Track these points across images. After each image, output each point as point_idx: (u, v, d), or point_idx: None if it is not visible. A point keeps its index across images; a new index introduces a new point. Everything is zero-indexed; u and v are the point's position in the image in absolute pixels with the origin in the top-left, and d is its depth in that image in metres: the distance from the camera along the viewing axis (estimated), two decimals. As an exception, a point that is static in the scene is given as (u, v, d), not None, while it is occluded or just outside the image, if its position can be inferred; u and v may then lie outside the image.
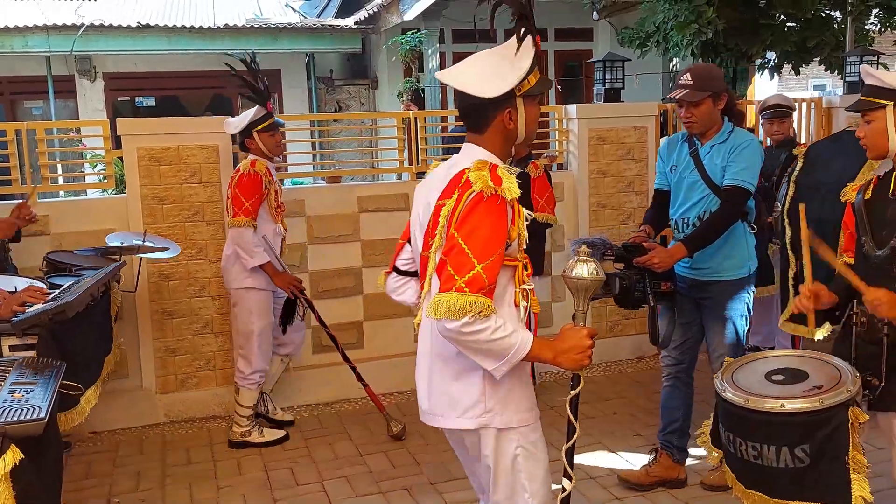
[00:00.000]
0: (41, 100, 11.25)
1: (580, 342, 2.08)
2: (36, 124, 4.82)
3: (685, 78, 3.37)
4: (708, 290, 3.53)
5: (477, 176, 2.00)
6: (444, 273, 1.99)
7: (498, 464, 2.18)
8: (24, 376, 2.26)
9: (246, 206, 4.07)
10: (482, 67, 2.12)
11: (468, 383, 2.13)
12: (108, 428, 4.66)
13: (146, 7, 11.68)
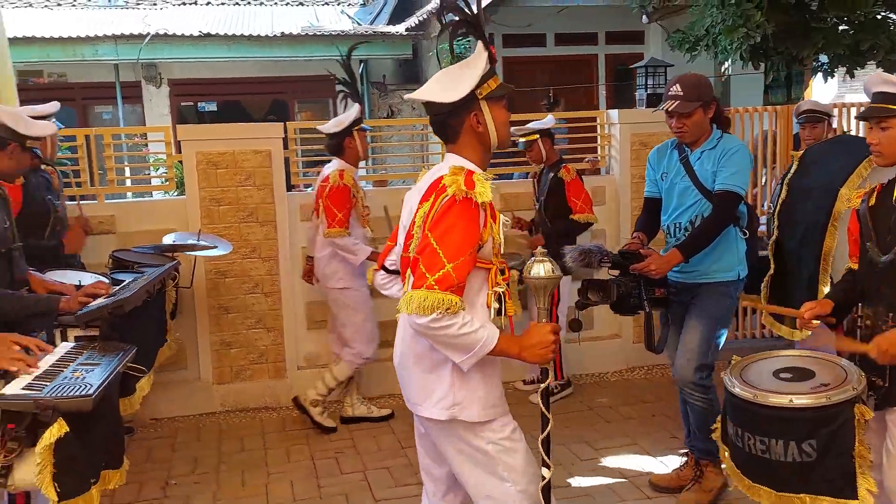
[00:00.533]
0: (110, 105, 11.76)
1: (544, 337, 2.19)
2: (103, 130, 5.15)
3: (675, 89, 3.40)
4: (695, 292, 3.55)
5: (451, 180, 2.13)
6: (417, 271, 2.13)
7: (472, 458, 2.29)
8: (91, 358, 2.46)
9: (339, 217, 4.34)
10: (443, 79, 2.25)
11: (439, 376, 2.26)
12: (168, 415, 4.96)
13: (209, 16, 12.11)
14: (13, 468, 2.14)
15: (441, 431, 2.31)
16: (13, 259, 2.98)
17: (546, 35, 11.31)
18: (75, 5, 12.96)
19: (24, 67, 10.57)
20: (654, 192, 3.72)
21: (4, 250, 2.91)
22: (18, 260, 3.03)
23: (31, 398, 2.10)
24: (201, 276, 4.88)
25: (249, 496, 3.93)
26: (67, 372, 2.31)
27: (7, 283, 2.89)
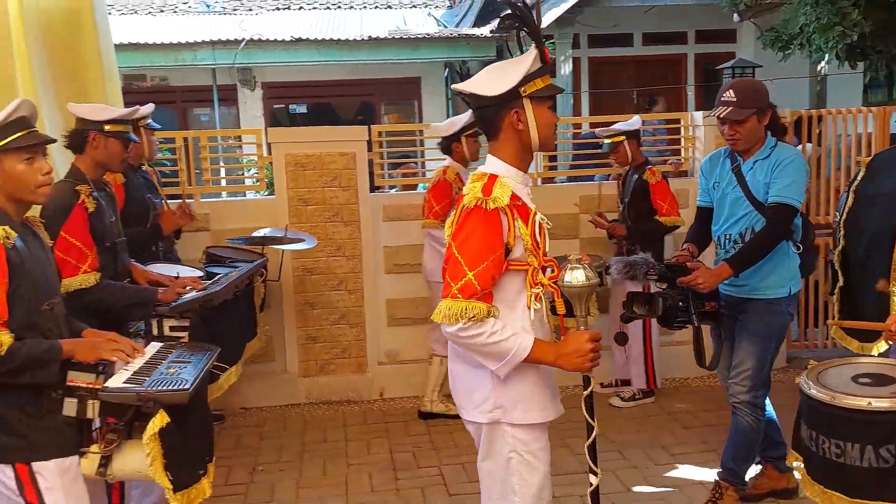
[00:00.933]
0: (208, 107, 12.31)
1: (581, 346, 2.14)
2: (200, 132, 5.43)
3: (728, 95, 3.27)
4: (745, 308, 3.44)
5: (469, 188, 2.15)
6: (444, 280, 2.15)
7: (492, 462, 2.29)
8: (181, 356, 2.61)
9: (436, 209, 4.57)
10: (490, 73, 2.23)
11: (480, 380, 2.25)
12: (256, 405, 5.20)
13: (301, 21, 12.50)
14: (112, 459, 2.31)
15: (478, 433, 2.32)
16: (117, 252, 3.21)
17: (633, 35, 11.18)
18: (177, 12, 13.58)
19: (129, 72, 11.20)
20: (707, 202, 3.61)
21: (109, 244, 3.13)
22: (122, 253, 3.26)
23: (134, 391, 2.26)
24: (289, 272, 5.10)
25: (330, 485, 4.10)
26: (162, 368, 2.45)
27: (111, 275, 3.13)
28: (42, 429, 2.31)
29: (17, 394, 2.28)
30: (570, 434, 4.55)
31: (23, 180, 2.32)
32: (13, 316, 2.25)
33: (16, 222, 2.35)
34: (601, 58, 11.17)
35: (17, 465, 2.31)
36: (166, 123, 11.85)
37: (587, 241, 5.55)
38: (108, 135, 3.16)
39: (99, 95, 4.86)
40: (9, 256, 2.24)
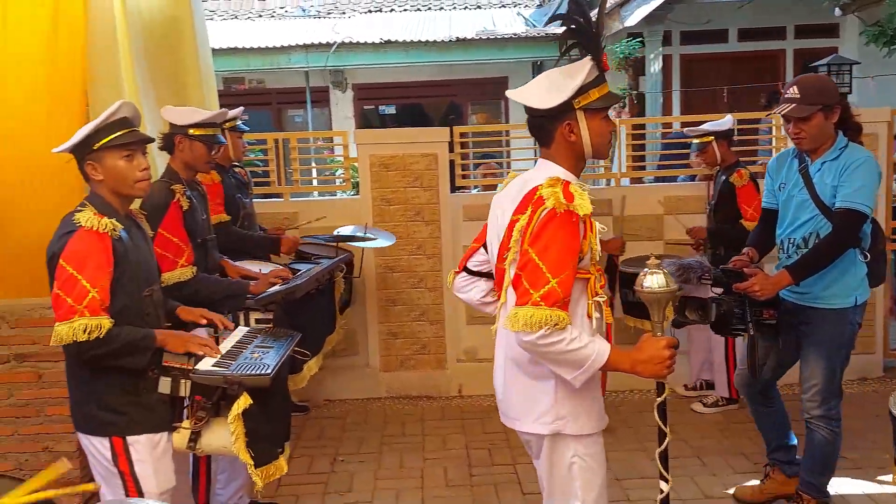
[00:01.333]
0: (301, 109, 12.72)
1: (658, 353, 2.12)
2: (289, 134, 5.64)
3: (792, 91, 3.14)
4: (808, 317, 3.31)
5: (549, 192, 2.09)
6: (520, 287, 2.09)
7: (554, 469, 2.29)
8: (265, 342, 2.77)
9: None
10: (544, 82, 2.22)
11: (542, 390, 2.24)
12: (340, 397, 5.37)
13: (392, 23, 12.73)
14: (201, 434, 2.48)
15: (536, 443, 2.34)
16: (208, 248, 3.41)
17: (728, 31, 10.85)
18: (274, 16, 14.06)
19: (228, 75, 11.70)
20: (772, 203, 3.49)
21: (201, 240, 3.33)
22: (212, 249, 3.46)
23: (221, 374, 2.42)
24: (371, 269, 5.24)
25: (406, 477, 4.20)
26: (247, 353, 2.61)
27: (202, 270, 3.33)
28: (138, 406, 2.51)
29: (117, 375, 2.48)
30: (647, 438, 4.52)
31: (122, 176, 2.50)
32: (116, 302, 2.44)
33: (121, 215, 2.55)
34: (694, 55, 10.89)
35: (113, 439, 2.51)
36: (262, 125, 12.40)
37: (672, 242, 5.47)
38: (192, 138, 3.33)
39: (197, 98, 5.13)
40: (114, 247, 2.44)
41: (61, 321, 2.35)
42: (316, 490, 4.08)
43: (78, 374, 2.54)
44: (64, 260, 2.38)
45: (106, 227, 2.43)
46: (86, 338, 2.32)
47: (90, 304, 2.35)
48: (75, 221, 2.43)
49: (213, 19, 13.29)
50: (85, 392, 2.54)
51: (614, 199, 5.39)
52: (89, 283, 2.36)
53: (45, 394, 3.38)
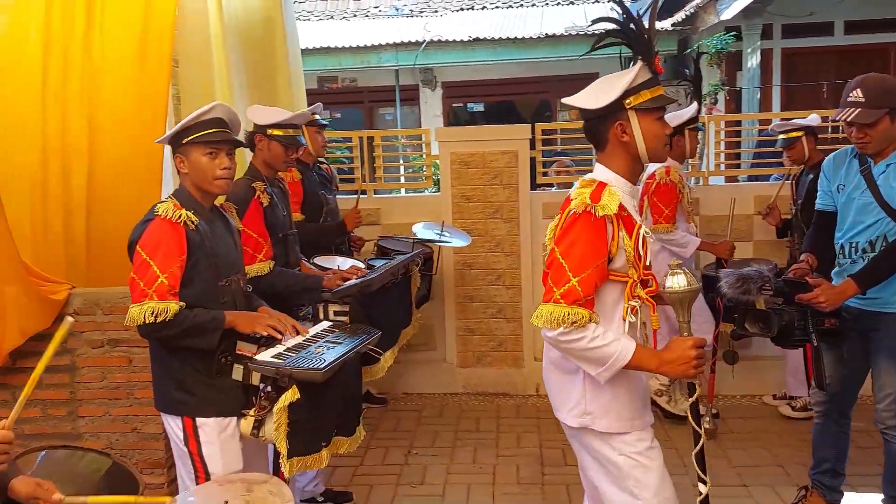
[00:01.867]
0: (392, 107, 12.92)
1: (685, 353, 2.11)
2: (374, 132, 5.77)
3: (855, 94, 2.95)
4: (878, 323, 3.12)
5: (577, 193, 2.15)
6: (546, 284, 2.16)
7: (604, 467, 2.27)
8: (337, 338, 2.78)
9: (665, 212, 4.50)
10: (596, 86, 2.23)
11: (572, 384, 2.29)
12: (417, 391, 5.46)
13: (481, 20, 12.76)
14: (263, 423, 2.55)
15: (576, 438, 2.35)
16: (288, 243, 3.52)
17: (834, 23, 10.36)
18: (368, 16, 14.33)
19: (322, 74, 12.01)
20: (829, 206, 3.30)
21: (282, 235, 3.44)
22: (293, 244, 3.57)
23: (274, 365, 2.48)
24: (450, 266, 5.29)
25: (478, 473, 4.22)
26: (313, 347, 2.66)
27: (283, 264, 3.44)
28: (211, 388, 2.62)
29: (193, 356, 2.61)
30: (730, 445, 4.40)
31: (203, 171, 2.63)
32: (192, 288, 2.57)
33: (203, 207, 2.68)
34: (796, 49, 10.44)
35: (184, 419, 2.64)
36: (354, 123, 12.66)
37: (762, 244, 5.30)
38: (271, 138, 3.43)
39: (286, 98, 5.31)
40: (189, 237, 2.56)
41: (134, 303, 2.51)
42: (389, 481, 4.15)
43: (158, 354, 2.70)
44: (140, 246, 2.53)
45: (181, 217, 2.56)
46: (153, 320, 2.46)
47: (159, 289, 2.48)
48: (155, 211, 2.58)
49: (310, 20, 13.66)
50: (163, 372, 2.69)
51: (702, 198, 5.25)
52: (160, 268, 2.49)
53: (135, 378, 3.57)
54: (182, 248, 2.54)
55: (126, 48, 3.67)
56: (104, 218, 3.64)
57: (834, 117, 3.16)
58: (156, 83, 3.64)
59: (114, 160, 3.65)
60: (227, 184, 2.69)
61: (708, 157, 5.45)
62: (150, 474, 3.60)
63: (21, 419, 3.61)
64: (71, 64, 3.69)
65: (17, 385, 3.61)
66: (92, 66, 3.68)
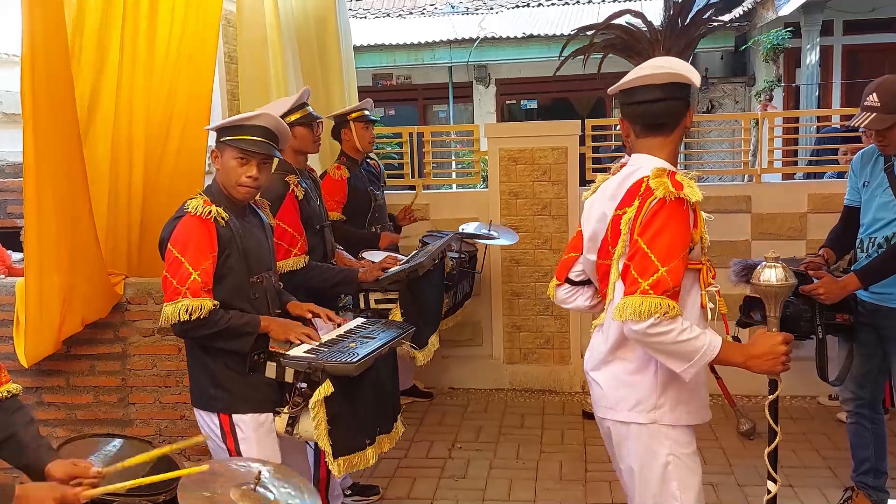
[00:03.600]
0: (445, 104, 12.96)
1: (774, 348, 2.05)
2: (423, 128, 5.79)
3: (871, 99, 2.89)
4: (888, 318, 3.06)
5: (658, 183, 2.05)
6: (629, 277, 2.06)
7: (648, 468, 2.20)
8: (372, 333, 2.77)
9: None
10: (664, 64, 2.17)
11: (640, 379, 2.20)
12: (463, 386, 5.48)
13: (537, 17, 12.72)
14: (298, 420, 2.55)
15: (627, 436, 2.25)
16: (325, 234, 3.54)
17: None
18: (424, 13, 14.42)
19: (378, 71, 12.14)
20: (855, 201, 3.27)
21: (318, 227, 3.48)
22: (329, 235, 3.59)
23: (305, 360, 2.48)
24: (497, 262, 5.30)
25: (521, 468, 4.22)
26: (346, 342, 2.63)
27: (322, 255, 3.47)
28: (244, 386, 2.63)
29: (227, 354, 2.62)
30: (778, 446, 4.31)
31: (229, 174, 2.61)
32: (223, 284, 2.58)
33: (235, 203, 2.66)
34: (858, 45, 10.13)
35: (221, 415, 2.66)
36: (408, 119, 12.75)
37: (816, 243, 5.15)
38: (291, 125, 3.33)
39: (339, 95, 5.41)
40: (219, 233, 2.56)
41: (168, 302, 2.50)
42: (432, 474, 4.19)
43: (193, 351, 2.71)
44: (171, 244, 2.53)
45: (211, 213, 2.55)
46: (187, 317, 2.45)
47: (192, 286, 2.47)
48: (185, 208, 2.59)
49: (366, 17, 13.80)
50: (199, 368, 2.70)
51: (754, 196, 5.15)
52: (192, 266, 2.48)
53: (184, 366, 3.59)
54: (213, 244, 2.53)
55: (175, 42, 3.74)
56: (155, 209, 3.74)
57: (850, 123, 3.14)
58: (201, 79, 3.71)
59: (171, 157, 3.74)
60: (250, 192, 2.65)
61: (761, 155, 5.34)
62: (197, 461, 3.66)
63: (74, 404, 3.81)
64: (138, 56, 3.76)
65: (72, 372, 3.77)
66: (153, 59, 3.75)
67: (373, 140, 4.53)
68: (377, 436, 2.69)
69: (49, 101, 3.21)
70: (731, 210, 5.11)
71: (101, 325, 3.71)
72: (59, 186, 3.33)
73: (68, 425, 3.79)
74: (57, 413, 3.81)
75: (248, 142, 2.58)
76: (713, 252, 5.01)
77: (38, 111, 3.18)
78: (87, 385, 3.77)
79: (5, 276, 3.99)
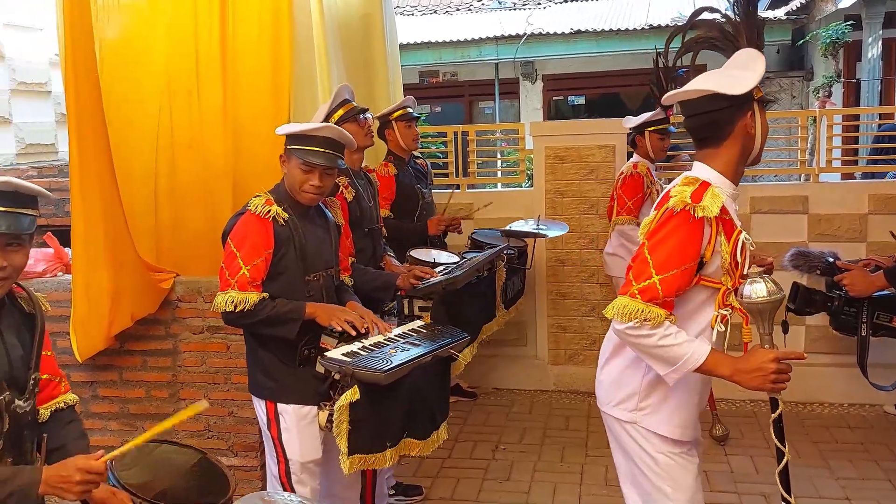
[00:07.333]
0: (491, 101, 12.88)
1: (764, 365, 1.99)
2: (468, 127, 5.77)
3: None
4: None
5: (677, 191, 2.03)
6: (627, 277, 2.08)
7: (641, 464, 2.20)
8: (416, 340, 2.73)
9: (628, 204, 4.43)
10: (714, 76, 2.11)
11: (630, 378, 2.21)
12: (507, 387, 5.44)
13: (585, 12, 12.55)
14: None
15: (619, 429, 2.27)
16: (374, 237, 3.55)
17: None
18: (471, 10, 14.34)
19: (424, 68, 12.12)
20: None
21: (367, 229, 3.48)
22: (378, 238, 3.59)
23: (338, 364, 2.49)
24: (542, 261, 5.24)
25: (566, 472, 4.17)
26: (388, 347, 2.62)
27: (370, 257, 3.47)
28: (292, 377, 2.70)
29: (277, 345, 2.70)
30: (833, 455, 4.18)
31: (294, 180, 2.70)
32: (278, 281, 2.66)
33: (299, 203, 2.72)
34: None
35: (267, 403, 2.75)
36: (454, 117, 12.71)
37: (876, 245, 4.98)
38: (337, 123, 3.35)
39: (383, 93, 5.39)
40: (277, 231, 2.64)
41: (220, 291, 2.64)
42: (475, 475, 4.16)
43: (248, 340, 2.83)
44: (230, 238, 2.65)
45: (270, 213, 2.64)
46: (232, 308, 2.58)
47: (240, 280, 2.59)
48: (248, 205, 2.69)
49: (413, 15, 13.80)
50: (252, 357, 2.82)
51: (811, 196, 4.99)
52: (244, 261, 2.60)
53: (232, 363, 3.71)
54: (268, 242, 2.63)
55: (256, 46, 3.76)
56: (215, 210, 3.78)
57: None
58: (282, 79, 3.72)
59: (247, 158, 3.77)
60: (314, 199, 2.75)
61: (819, 153, 5.17)
62: (244, 457, 3.74)
63: (126, 398, 3.88)
64: (206, 63, 3.81)
65: (125, 367, 3.84)
66: (224, 66, 3.80)
67: (417, 137, 4.50)
68: (404, 438, 2.68)
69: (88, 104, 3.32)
70: (787, 210, 4.97)
71: (152, 321, 3.77)
72: (103, 186, 3.42)
73: (121, 419, 3.87)
74: (110, 407, 3.89)
75: (312, 153, 2.66)
76: (767, 252, 4.91)
77: (80, 113, 3.30)
78: (140, 380, 3.84)
79: (63, 272, 4.08)
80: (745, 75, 2.09)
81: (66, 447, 2.10)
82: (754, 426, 4.64)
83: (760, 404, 4.88)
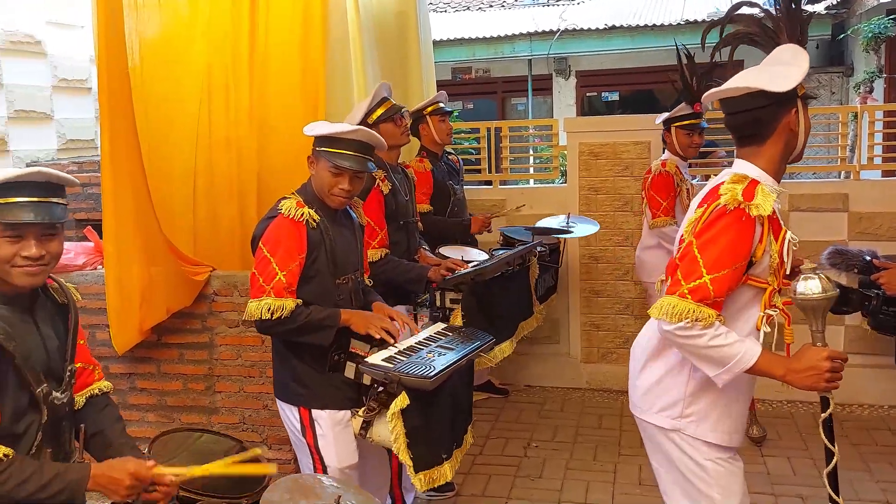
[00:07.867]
0: (524, 97, 12.84)
1: (817, 364, 1.95)
2: (500, 123, 5.74)
3: None
4: None
5: (728, 188, 1.99)
6: (674, 276, 2.03)
7: (687, 472, 2.15)
8: (449, 343, 2.72)
9: (664, 205, 4.33)
10: (755, 73, 2.07)
11: (673, 384, 2.15)
12: (539, 384, 5.41)
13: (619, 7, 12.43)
14: (372, 424, 2.56)
15: (661, 437, 2.21)
16: (409, 230, 3.55)
17: None
18: (504, 6, 14.31)
19: (457, 64, 12.11)
20: None
21: (403, 222, 3.48)
22: (413, 232, 3.60)
23: (383, 370, 2.45)
24: (576, 259, 5.21)
25: (598, 471, 4.14)
26: (424, 352, 2.60)
27: (404, 250, 3.48)
28: (323, 383, 2.67)
29: (308, 351, 2.66)
30: (875, 459, 4.10)
31: (322, 182, 2.65)
32: (309, 285, 2.61)
33: (327, 205, 2.68)
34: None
35: (301, 409, 2.71)
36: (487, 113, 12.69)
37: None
38: (376, 123, 3.37)
39: (417, 90, 5.40)
40: (309, 235, 2.60)
41: (252, 298, 2.57)
42: (507, 472, 4.15)
43: (276, 346, 2.78)
44: (262, 242, 2.59)
45: (303, 215, 2.59)
46: (269, 316, 2.51)
47: (276, 286, 2.52)
48: (278, 208, 2.63)
49: (447, 11, 13.80)
50: (281, 363, 2.76)
51: (852, 194, 4.89)
52: (279, 266, 2.53)
53: (267, 357, 3.72)
54: (302, 246, 2.58)
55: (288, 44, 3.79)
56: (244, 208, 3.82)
57: None
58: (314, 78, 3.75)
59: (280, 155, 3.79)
60: (343, 202, 2.69)
61: (860, 150, 5.07)
62: (278, 450, 3.78)
63: (164, 391, 3.93)
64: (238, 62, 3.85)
65: (163, 359, 3.90)
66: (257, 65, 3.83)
67: (450, 132, 4.50)
68: (453, 450, 2.66)
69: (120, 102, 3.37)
70: (827, 208, 4.88)
71: (189, 315, 3.82)
72: (135, 184, 3.46)
73: (159, 410, 3.94)
74: (149, 398, 3.95)
75: (342, 156, 2.61)
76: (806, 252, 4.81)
77: (112, 111, 3.34)
78: (177, 372, 3.90)
79: (103, 266, 4.15)
80: (790, 71, 2.05)
81: (104, 432, 2.13)
82: (791, 427, 4.57)
83: (798, 405, 4.82)
